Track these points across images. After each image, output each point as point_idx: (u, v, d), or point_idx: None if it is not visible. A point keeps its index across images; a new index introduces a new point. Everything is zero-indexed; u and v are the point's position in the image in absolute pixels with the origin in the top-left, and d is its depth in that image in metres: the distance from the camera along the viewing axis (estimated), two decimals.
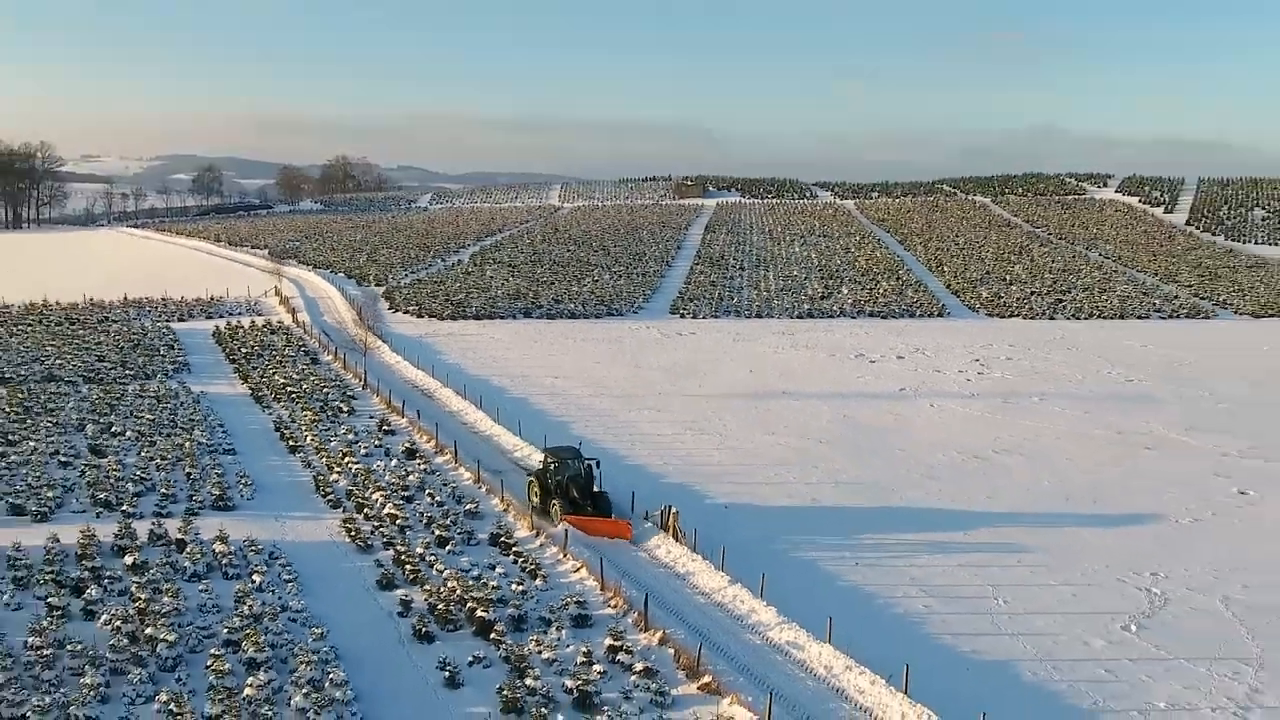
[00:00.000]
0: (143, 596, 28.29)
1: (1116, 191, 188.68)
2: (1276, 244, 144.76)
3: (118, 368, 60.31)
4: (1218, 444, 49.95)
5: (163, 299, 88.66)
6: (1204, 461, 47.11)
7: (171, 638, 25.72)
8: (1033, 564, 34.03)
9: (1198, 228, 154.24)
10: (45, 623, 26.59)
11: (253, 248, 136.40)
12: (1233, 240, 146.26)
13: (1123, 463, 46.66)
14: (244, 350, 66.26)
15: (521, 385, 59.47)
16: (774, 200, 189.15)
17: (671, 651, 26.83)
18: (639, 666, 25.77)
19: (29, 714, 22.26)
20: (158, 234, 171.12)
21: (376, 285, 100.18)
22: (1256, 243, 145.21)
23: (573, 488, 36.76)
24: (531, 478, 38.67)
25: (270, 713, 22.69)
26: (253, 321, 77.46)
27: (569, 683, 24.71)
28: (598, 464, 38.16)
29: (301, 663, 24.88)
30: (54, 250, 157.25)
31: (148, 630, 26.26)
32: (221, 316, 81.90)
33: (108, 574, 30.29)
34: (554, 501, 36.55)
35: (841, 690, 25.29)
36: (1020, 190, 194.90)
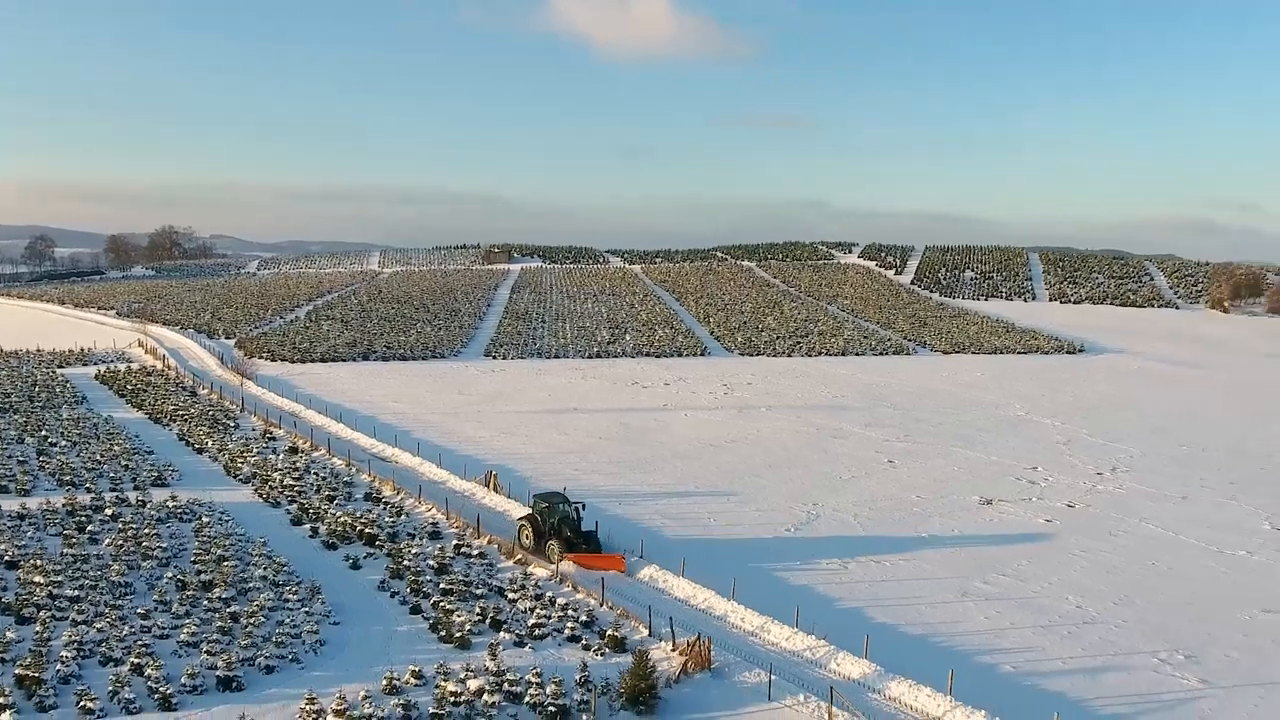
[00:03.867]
0: (131, 528, 38.85)
1: (859, 257, 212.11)
2: (979, 299, 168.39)
3: (26, 401, 68.27)
4: (884, 435, 65.86)
5: (37, 350, 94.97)
6: (871, 445, 62.69)
7: (164, 544, 36.66)
8: (736, 501, 48.11)
9: (920, 286, 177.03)
10: (70, 542, 36.98)
11: (99, 309, 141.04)
12: (946, 296, 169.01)
13: (815, 446, 61.75)
14: (129, 388, 74.80)
15: (369, 408, 70.62)
16: (571, 265, 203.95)
17: (496, 546, 39.38)
18: (476, 554, 38.30)
19: (84, 583, 32.90)
20: None
21: (227, 338, 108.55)
22: (964, 298, 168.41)
23: (566, 528, 38.01)
24: (523, 521, 39.32)
25: (246, 574, 34.09)
26: (127, 367, 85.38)
27: (431, 562, 36.89)
28: (583, 506, 39.71)
29: (256, 555, 36.28)
30: None
31: (144, 544, 36.97)
32: (95, 364, 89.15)
33: (97, 519, 40.58)
34: (550, 542, 37.70)
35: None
36: (781, 256, 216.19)
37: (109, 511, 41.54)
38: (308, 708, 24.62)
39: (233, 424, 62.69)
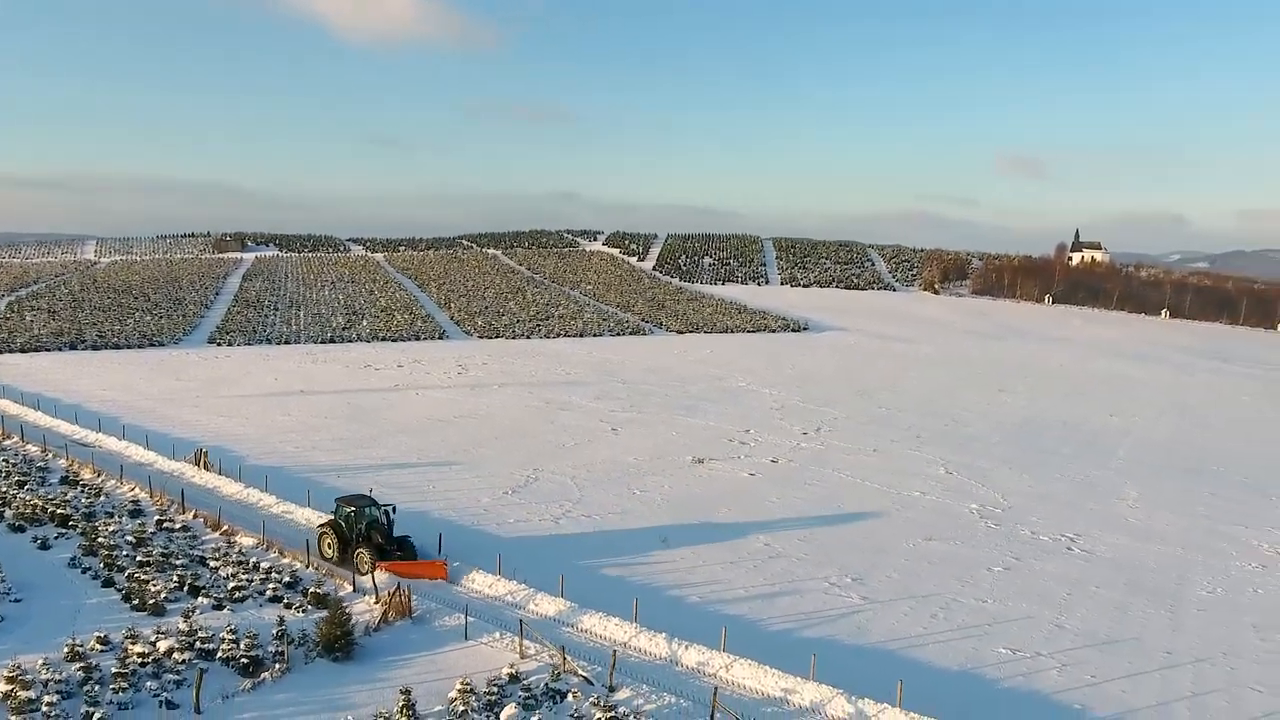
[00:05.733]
0: None
1: (604, 245, 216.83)
2: (716, 283, 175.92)
3: None
4: (611, 407, 68.45)
5: None
6: (597, 415, 65.07)
7: None
8: (458, 470, 49.09)
9: (661, 272, 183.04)
10: None
11: None
12: (685, 281, 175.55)
13: (543, 418, 63.50)
14: None
15: (75, 396, 66.83)
16: (310, 254, 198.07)
17: (203, 520, 38.77)
18: (179, 527, 37.61)
19: None
20: None
21: None
22: (703, 283, 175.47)
23: (376, 534, 34.78)
24: (324, 529, 35.50)
25: None
26: None
27: (130, 537, 35.98)
28: (394, 509, 36.37)
29: None
30: None
31: None
32: None
33: None
34: (359, 551, 34.13)
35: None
36: (527, 244, 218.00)
37: None
38: None
39: None
